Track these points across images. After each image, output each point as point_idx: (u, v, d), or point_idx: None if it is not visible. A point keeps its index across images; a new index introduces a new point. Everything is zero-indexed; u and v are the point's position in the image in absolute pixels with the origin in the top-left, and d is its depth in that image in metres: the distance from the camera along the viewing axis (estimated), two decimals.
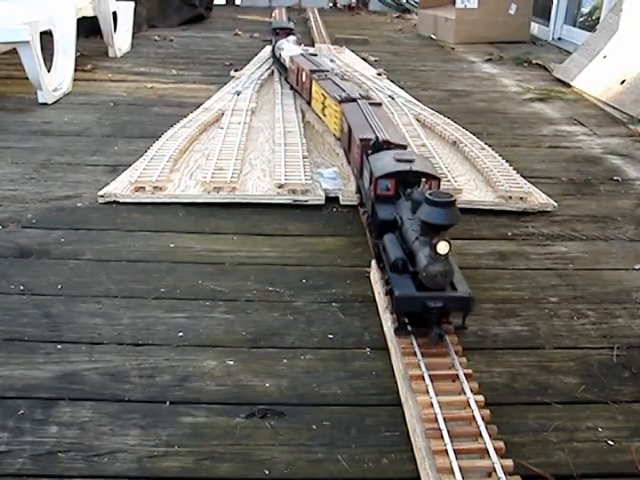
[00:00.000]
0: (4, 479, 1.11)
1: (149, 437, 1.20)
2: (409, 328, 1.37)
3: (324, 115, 2.64)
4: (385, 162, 1.67)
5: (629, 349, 1.50)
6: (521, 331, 1.56)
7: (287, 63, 3.38)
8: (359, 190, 1.97)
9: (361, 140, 1.90)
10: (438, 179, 1.59)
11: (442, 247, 1.26)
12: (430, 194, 1.32)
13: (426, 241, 1.32)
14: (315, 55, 3.34)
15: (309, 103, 2.91)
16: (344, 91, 2.45)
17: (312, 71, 2.85)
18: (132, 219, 2.07)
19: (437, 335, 1.31)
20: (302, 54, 3.30)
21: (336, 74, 2.87)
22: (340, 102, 2.34)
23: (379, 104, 2.39)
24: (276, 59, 3.82)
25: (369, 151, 1.79)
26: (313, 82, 2.77)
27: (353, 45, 5.11)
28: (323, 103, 2.61)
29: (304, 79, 2.96)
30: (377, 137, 1.85)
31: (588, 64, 3.92)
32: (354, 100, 2.33)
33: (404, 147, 1.87)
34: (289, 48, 3.52)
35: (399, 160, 1.64)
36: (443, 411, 1.17)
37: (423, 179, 1.54)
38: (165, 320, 1.56)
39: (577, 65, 4.05)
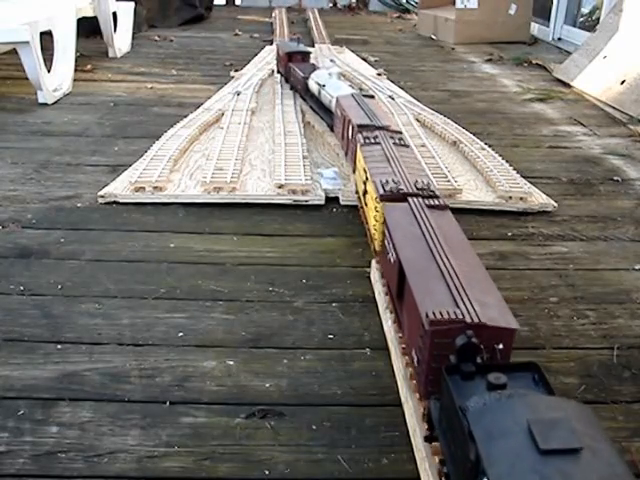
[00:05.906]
0: (4, 479, 1.11)
1: (149, 437, 1.20)
2: None
3: (365, 204, 1.78)
4: (510, 447, 0.74)
5: (629, 349, 1.50)
6: (521, 331, 1.56)
7: (333, 107, 2.51)
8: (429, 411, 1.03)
9: (432, 324, 1.02)
10: None
11: None
12: None
13: None
14: (372, 97, 2.46)
15: (354, 171, 2.04)
16: (395, 174, 1.61)
17: (360, 127, 1.99)
18: (132, 219, 2.07)
19: None
20: (353, 95, 2.37)
21: (391, 136, 1.92)
22: (382, 199, 1.50)
23: (445, 207, 1.47)
24: (310, 96, 2.95)
25: (453, 358, 0.97)
26: (358, 147, 1.90)
27: (353, 45, 5.11)
28: (365, 183, 1.76)
29: (350, 135, 2.09)
30: (466, 329, 0.99)
31: (588, 64, 3.92)
32: (404, 198, 1.48)
33: (513, 332, 1.04)
34: (334, 85, 2.61)
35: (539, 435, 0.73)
36: None
37: None
38: (165, 320, 1.56)
39: (577, 65, 4.05)
